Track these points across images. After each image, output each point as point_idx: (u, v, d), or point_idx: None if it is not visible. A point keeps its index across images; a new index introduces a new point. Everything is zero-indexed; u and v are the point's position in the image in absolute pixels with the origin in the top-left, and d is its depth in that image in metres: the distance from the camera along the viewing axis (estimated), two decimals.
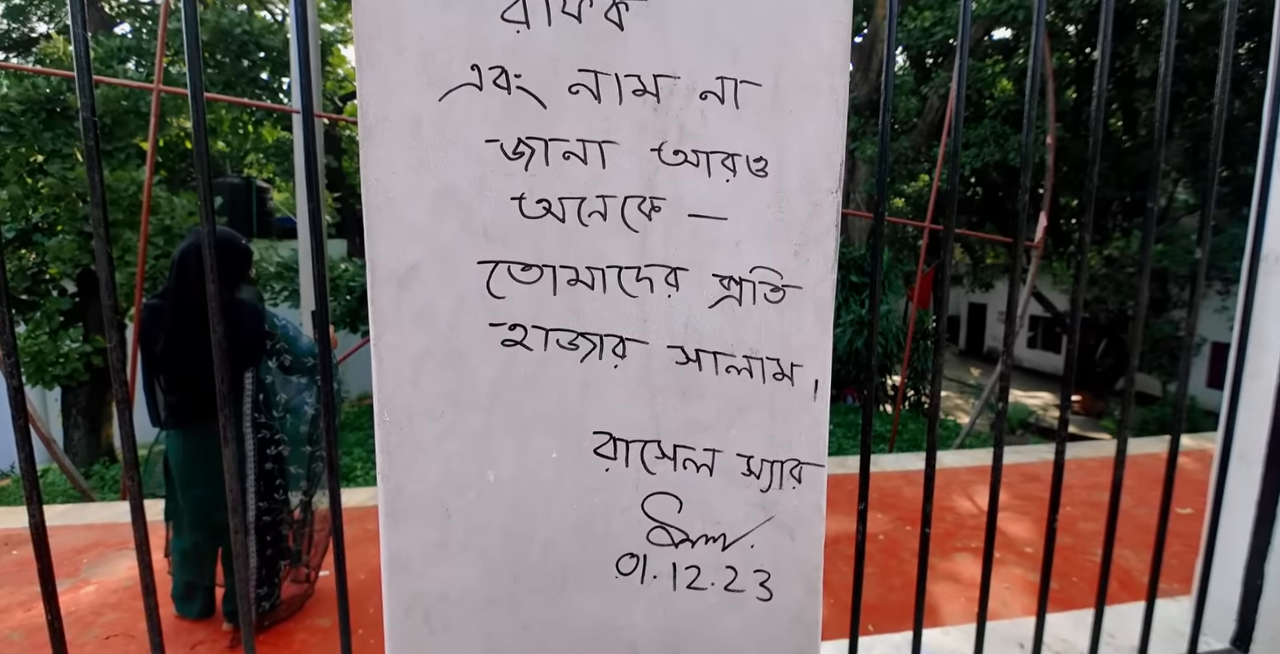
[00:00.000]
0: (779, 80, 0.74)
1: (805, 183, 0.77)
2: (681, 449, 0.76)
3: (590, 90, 0.71)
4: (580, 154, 0.72)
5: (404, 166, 0.69)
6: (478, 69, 0.69)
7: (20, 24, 10.88)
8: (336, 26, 12.83)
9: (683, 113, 0.74)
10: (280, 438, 2.32)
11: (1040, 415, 11.22)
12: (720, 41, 0.73)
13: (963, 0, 0.85)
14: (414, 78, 0.68)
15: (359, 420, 8.35)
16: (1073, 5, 8.73)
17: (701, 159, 0.75)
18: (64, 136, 7.43)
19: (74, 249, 7.11)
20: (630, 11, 0.71)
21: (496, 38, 0.69)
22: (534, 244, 0.72)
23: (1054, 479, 1.13)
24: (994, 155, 8.84)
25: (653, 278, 0.75)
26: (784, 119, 0.75)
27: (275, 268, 8.11)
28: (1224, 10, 1.12)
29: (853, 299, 8.98)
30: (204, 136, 0.77)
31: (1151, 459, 3.83)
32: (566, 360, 0.74)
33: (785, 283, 0.78)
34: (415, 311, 0.71)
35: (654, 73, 0.72)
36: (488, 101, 0.70)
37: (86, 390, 8.11)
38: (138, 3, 10.58)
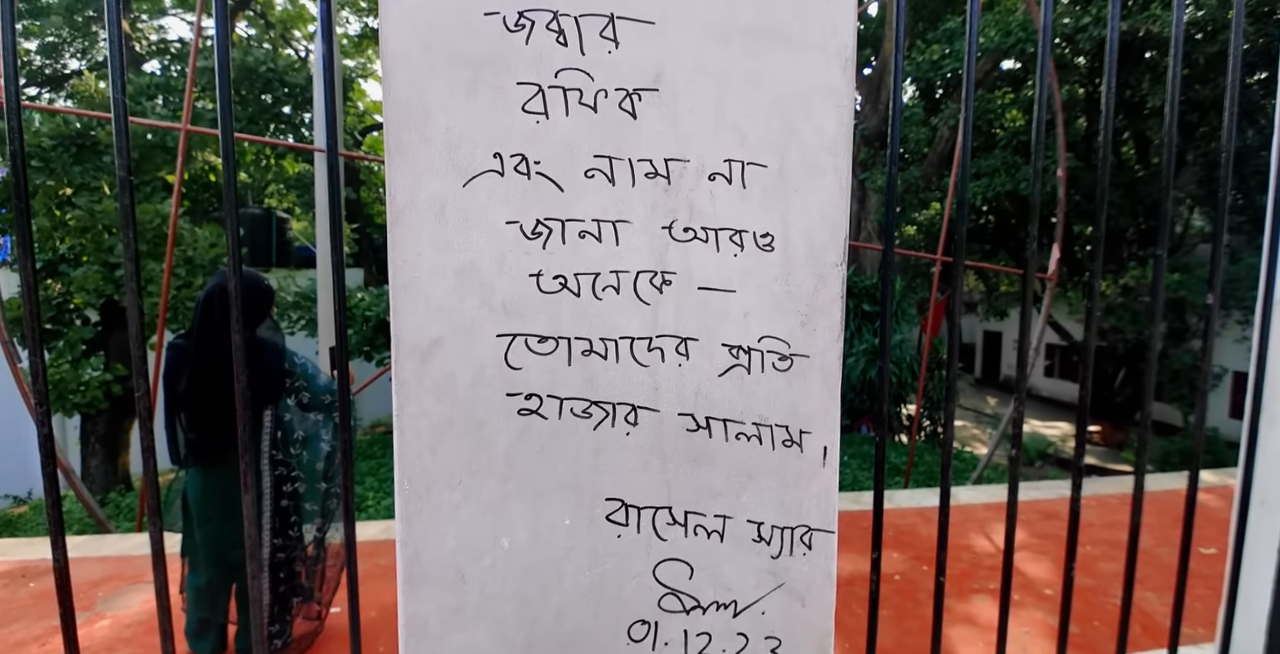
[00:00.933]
0: (784, 162, 0.78)
1: (811, 257, 0.80)
2: (693, 515, 0.78)
3: (605, 174, 0.75)
4: (595, 232, 0.76)
5: (429, 247, 0.73)
6: (500, 157, 0.73)
7: (53, 61, 11.31)
8: (357, 62, 13.23)
9: (692, 193, 0.77)
10: (296, 475, 2.35)
11: (1059, 446, 11.04)
12: (728, 127, 0.77)
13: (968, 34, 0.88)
14: (440, 165, 0.72)
15: (371, 448, 8.38)
16: (1081, 38, 8.84)
17: (710, 235, 0.78)
18: (93, 170, 7.66)
19: (98, 280, 7.28)
20: (643, 101, 0.75)
21: (517, 127, 0.73)
22: (550, 317, 0.76)
23: (1070, 526, 1.13)
24: (1005, 185, 8.88)
25: (664, 348, 0.78)
26: (789, 197, 0.79)
27: (293, 297, 8.24)
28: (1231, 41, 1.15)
29: (865, 328, 8.96)
30: (234, 187, 0.81)
31: (1173, 496, 3.76)
32: (580, 428, 0.77)
33: (793, 352, 0.80)
34: (436, 383, 0.74)
35: (665, 156, 0.76)
36: (509, 186, 0.74)
37: (105, 418, 8.22)
38: (166, 41, 10.99)
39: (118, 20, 0.82)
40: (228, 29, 0.96)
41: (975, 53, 0.99)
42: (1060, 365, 15.90)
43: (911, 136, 9.69)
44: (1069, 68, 9.68)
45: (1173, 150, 1.25)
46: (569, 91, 0.74)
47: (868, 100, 11.10)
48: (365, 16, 12.35)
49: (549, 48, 0.73)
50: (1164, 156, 1.19)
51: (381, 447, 8.47)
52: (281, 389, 2.35)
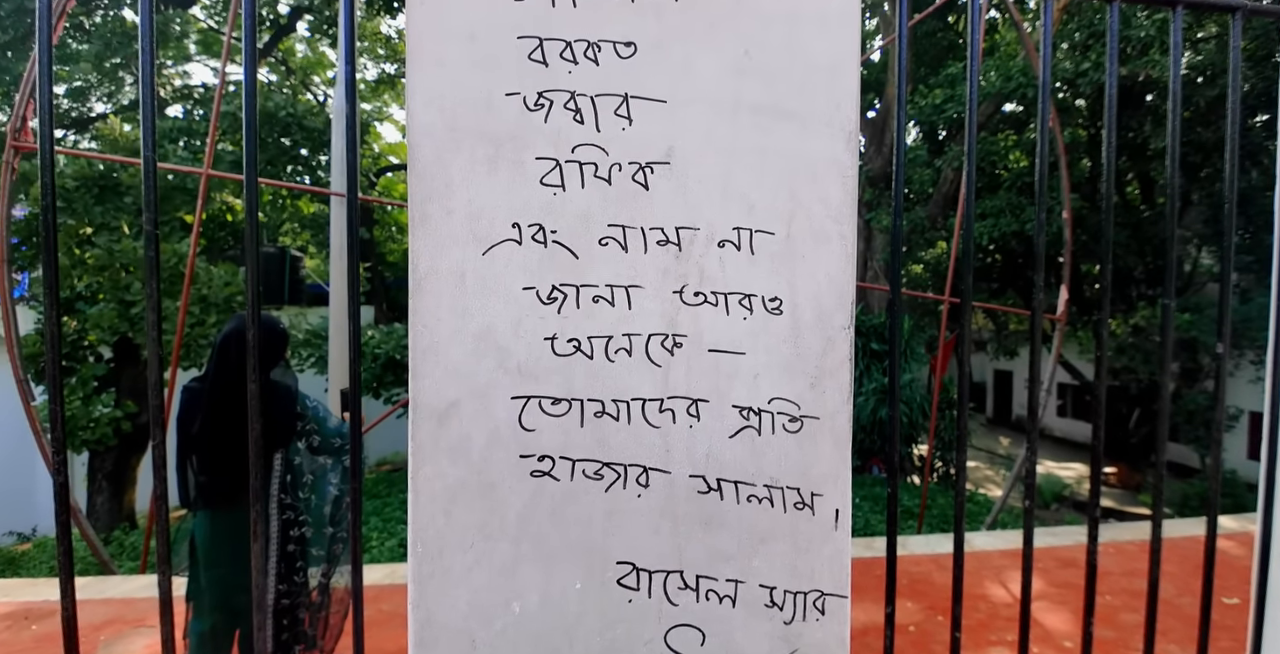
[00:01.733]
0: (791, 229, 0.81)
1: (819, 320, 0.81)
2: (704, 580, 0.78)
3: (618, 242, 0.78)
4: (608, 297, 0.78)
5: (449, 313, 0.75)
6: (518, 226, 0.76)
7: (80, 104, 11.71)
8: (374, 105, 13.63)
9: (702, 259, 0.80)
10: (304, 519, 2.34)
11: (1074, 489, 10.83)
12: (736, 197, 0.80)
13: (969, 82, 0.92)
14: (461, 235, 0.75)
15: (376, 487, 8.32)
16: (1081, 82, 9.02)
17: (720, 299, 0.80)
18: (113, 210, 7.85)
19: (114, 317, 7.39)
20: (655, 174, 0.78)
21: (535, 199, 0.76)
22: (564, 379, 0.78)
23: (1088, 579, 1.11)
24: (1011, 226, 8.95)
25: (675, 409, 0.80)
26: (796, 263, 0.81)
27: (304, 335, 8.32)
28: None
29: (875, 367, 8.92)
30: (256, 240, 0.84)
31: (1193, 543, 3.68)
32: (592, 490, 0.78)
33: (803, 413, 0.81)
34: (451, 445, 0.75)
35: (676, 225, 0.79)
36: (526, 254, 0.76)
37: (113, 455, 8.23)
38: (189, 86, 11.38)
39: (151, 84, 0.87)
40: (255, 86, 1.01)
41: (976, 96, 1.03)
42: (1073, 405, 15.71)
43: (916, 178, 9.82)
44: (1070, 111, 9.85)
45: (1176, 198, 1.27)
46: (585, 165, 0.77)
47: (871, 142, 11.30)
48: (382, 63, 12.78)
49: (566, 125, 0.76)
50: (1168, 206, 1.21)
51: (386, 485, 8.41)
52: (293, 432, 2.36)
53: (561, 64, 0.76)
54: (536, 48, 0.75)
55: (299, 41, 12.13)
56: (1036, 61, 6.53)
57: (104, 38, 9.44)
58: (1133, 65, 8.58)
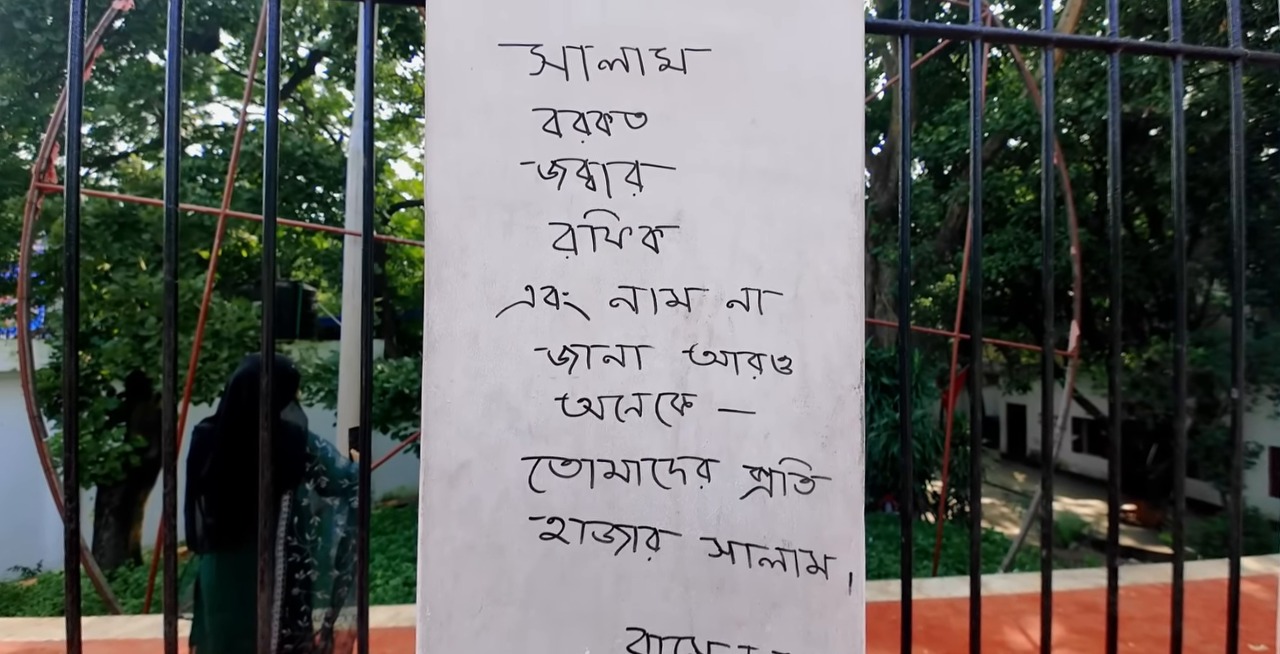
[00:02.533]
0: (799, 290, 0.82)
1: (828, 379, 0.82)
2: (716, 646, 0.77)
3: (629, 303, 0.79)
4: (619, 357, 0.79)
5: (461, 374, 0.76)
6: (531, 289, 0.78)
7: (103, 143, 12.05)
8: (388, 144, 13.95)
9: (711, 319, 0.81)
10: (310, 562, 2.33)
11: (1093, 527, 10.58)
12: (744, 259, 0.81)
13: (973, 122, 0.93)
14: (475, 298, 0.77)
15: (381, 524, 8.24)
16: (1085, 119, 9.13)
17: (730, 358, 0.81)
18: (131, 247, 8.00)
19: (127, 352, 7.46)
20: (665, 237, 0.80)
21: (548, 262, 0.78)
22: (574, 440, 0.78)
23: (1109, 627, 1.08)
24: (1019, 260, 8.96)
25: (685, 469, 0.80)
26: (805, 322, 0.82)
27: (314, 369, 8.36)
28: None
29: (885, 402, 8.85)
30: (272, 284, 0.86)
31: (1216, 586, 3.57)
32: (601, 554, 0.77)
33: (814, 474, 0.81)
34: (461, 507, 0.75)
35: (685, 286, 0.80)
36: (538, 316, 0.78)
37: (121, 490, 8.22)
38: (210, 126, 11.70)
39: (175, 160, 0.90)
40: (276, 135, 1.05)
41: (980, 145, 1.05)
42: (1088, 440, 15.46)
43: (922, 213, 9.90)
44: (1075, 147, 9.95)
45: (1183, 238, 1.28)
46: (596, 229, 0.79)
47: (877, 178, 11.42)
48: (397, 103, 13.13)
49: (579, 192, 0.79)
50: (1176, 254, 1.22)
51: (392, 522, 8.33)
52: (302, 473, 2.36)
53: (574, 134, 0.79)
54: (551, 119, 0.78)
55: (317, 83, 12.50)
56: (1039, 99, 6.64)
57: (129, 80, 9.75)
58: (1136, 103, 8.69)
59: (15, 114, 10.18)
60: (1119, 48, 1.27)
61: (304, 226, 8.49)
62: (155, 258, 7.95)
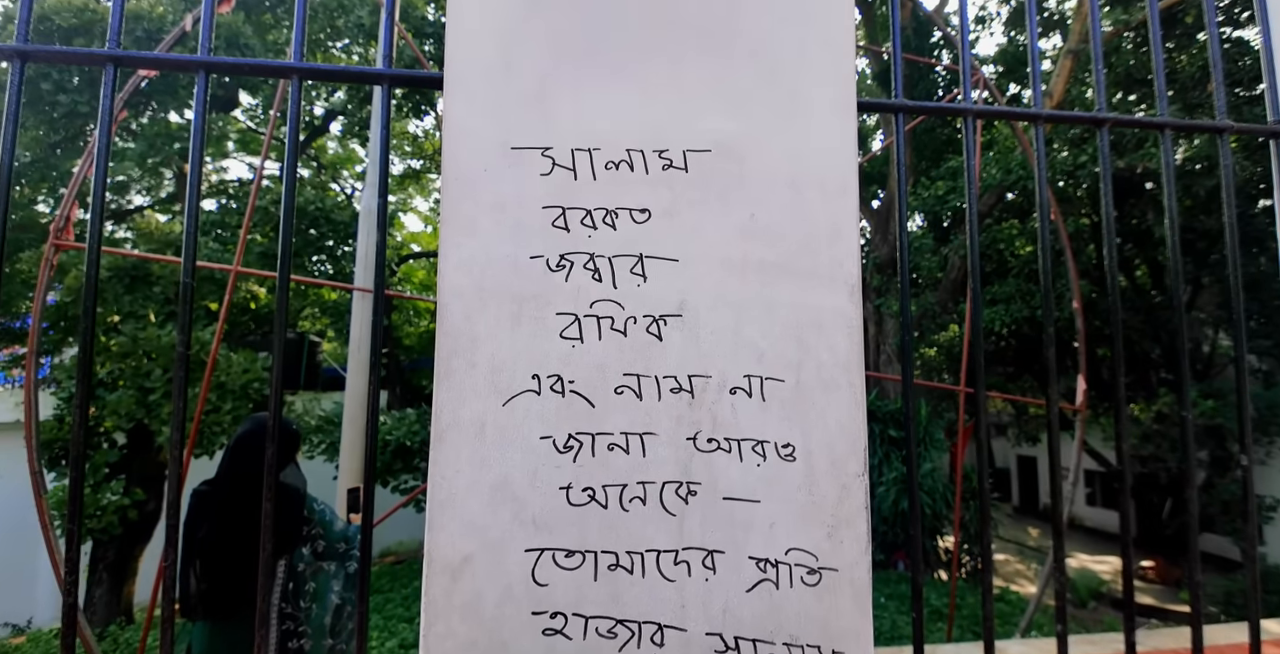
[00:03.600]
0: (801, 377, 0.83)
1: (833, 467, 0.82)
2: None
3: (633, 390, 0.81)
4: (623, 445, 0.80)
5: (467, 464, 0.77)
6: (538, 378, 0.79)
7: (119, 196, 12.36)
8: (398, 197, 14.28)
9: (715, 406, 0.82)
10: (304, 630, 2.27)
11: (1112, 585, 10.24)
12: (746, 347, 0.83)
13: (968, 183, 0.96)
14: (483, 387, 0.78)
15: (378, 582, 8.03)
16: (1081, 173, 9.33)
17: (733, 446, 0.82)
18: (141, 299, 8.11)
19: (131, 404, 7.46)
20: (668, 326, 0.82)
21: (555, 351, 0.80)
22: (578, 531, 0.78)
23: None
24: (1021, 312, 8.99)
25: (690, 561, 0.79)
26: (807, 410, 0.83)
27: (316, 421, 8.32)
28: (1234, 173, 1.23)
29: (894, 455, 8.72)
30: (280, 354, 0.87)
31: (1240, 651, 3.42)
32: (605, 650, 0.76)
33: (821, 565, 0.81)
34: (464, 602, 0.75)
35: (689, 373, 0.82)
36: (544, 404, 0.79)
37: (117, 545, 8.08)
38: (225, 181, 12.03)
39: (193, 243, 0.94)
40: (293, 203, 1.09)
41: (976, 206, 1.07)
42: (1102, 493, 15.13)
43: (923, 265, 10.00)
44: (1072, 200, 10.12)
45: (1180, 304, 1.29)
46: (602, 319, 0.81)
47: (877, 231, 11.59)
48: (408, 159, 13.51)
49: (586, 283, 0.81)
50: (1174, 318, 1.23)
51: (390, 579, 8.12)
52: (299, 537, 2.33)
53: (582, 229, 0.82)
54: (560, 215, 0.82)
55: (331, 140, 12.91)
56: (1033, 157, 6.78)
57: (149, 139, 10.09)
58: (1130, 158, 8.89)
59: (36, 170, 10.51)
60: (1108, 122, 1.32)
61: (316, 283, 8.61)
62: (165, 310, 8.04)
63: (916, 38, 11.13)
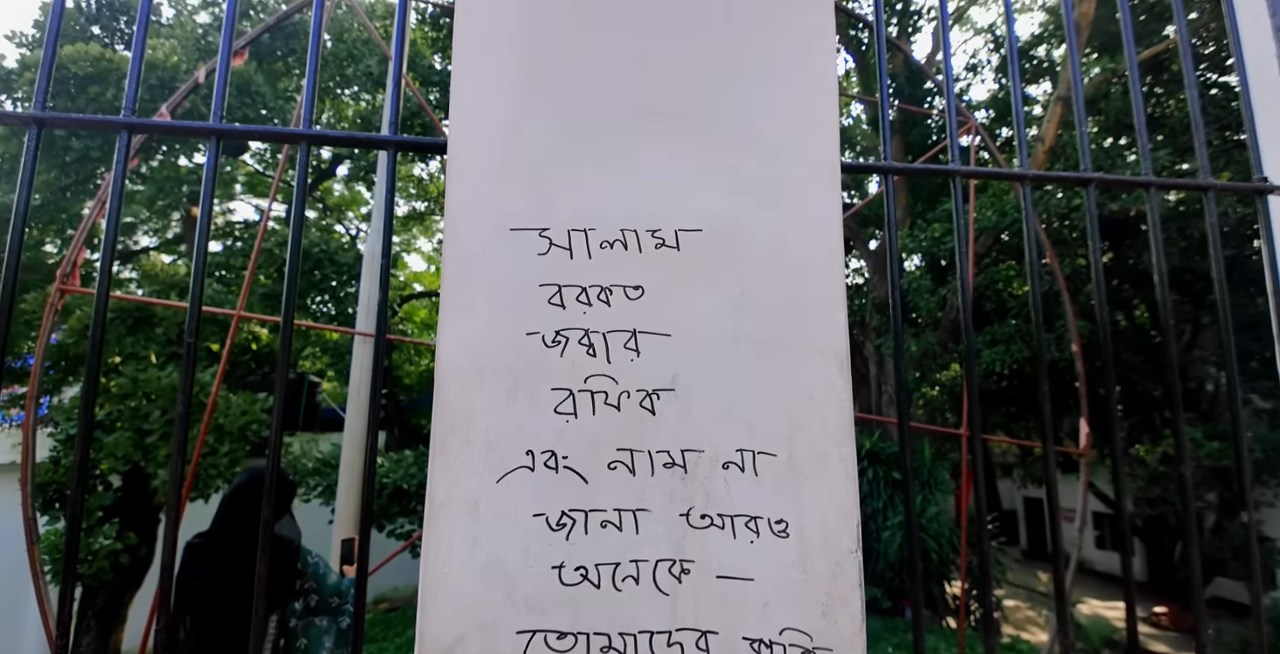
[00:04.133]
0: (793, 451, 0.84)
1: (825, 544, 0.82)
2: None
3: (626, 465, 0.82)
4: (616, 522, 0.80)
5: (460, 543, 0.77)
6: (532, 453, 0.80)
7: (126, 237, 12.53)
8: (402, 238, 14.47)
9: (708, 481, 0.83)
10: None
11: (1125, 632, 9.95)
12: (738, 421, 0.84)
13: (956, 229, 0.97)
14: (477, 464, 0.79)
15: (373, 630, 7.84)
16: (1075, 216, 9.45)
17: (727, 522, 0.82)
18: (143, 341, 8.14)
19: (128, 446, 7.41)
20: (661, 400, 0.83)
21: (549, 427, 0.81)
22: (571, 612, 0.78)
23: None
24: (1022, 352, 8.99)
25: (684, 643, 0.79)
26: (800, 484, 0.83)
27: (314, 463, 8.25)
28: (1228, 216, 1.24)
29: (898, 498, 8.60)
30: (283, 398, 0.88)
31: None
32: None
33: (816, 645, 0.80)
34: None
35: (681, 448, 0.83)
36: (538, 480, 0.80)
37: (106, 591, 7.91)
38: (231, 223, 12.21)
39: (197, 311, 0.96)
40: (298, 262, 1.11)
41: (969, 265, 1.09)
42: (1111, 536, 14.85)
43: (922, 305, 10.04)
44: (1067, 242, 10.23)
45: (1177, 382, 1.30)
46: (596, 394, 0.83)
47: (875, 271, 11.70)
48: (413, 200, 13.74)
49: (580, 359, 0.83)
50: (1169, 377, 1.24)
51: (383, 627, 7.92)
52: (292, 592, 2.29)
53: (577, 306, 0.84)
54: (556, 293, 0.84)
55: (337, 182, 13.16)
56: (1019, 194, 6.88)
57: (158, 182, 10.29)
58: (1123, 203, 9.02)
59: (46, 212, 10.68)
60: (1093, 181, 1.35)
61: (319, 327, 8.66)
62: (166, 351, 8.07)
63: (909, 85, 11.44)
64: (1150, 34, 10.69)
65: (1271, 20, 1.70)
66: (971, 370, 1.23)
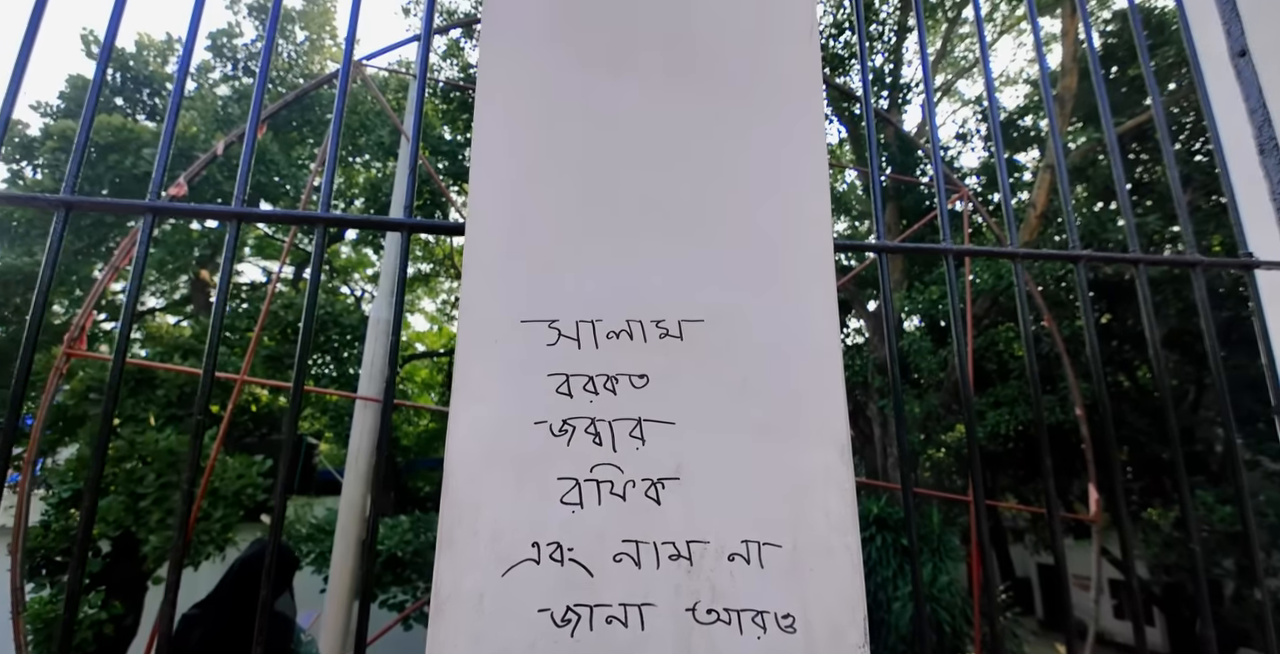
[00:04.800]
0: (797, 541, 0.84)
1: (833, 638, 0.81)
2: None
3: (632, 558, 0.82)
4: (622, 618, 0.80)
5: (465, 640, 0.76)
6: (537, 545, 0.81)
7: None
8: (407, 298, 14.63)
9: (713, 573, 0.82)
10: None
11: None
12: (742, 510, 0.85)
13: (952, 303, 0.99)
14: (483, 557, 0.79)
15: None
16: (1070, 278, 9.57)
17: (733, 617, 0.81)
18: (144, 403, 8.13)
19: (120, 510, 7.27)
20: (666, 489, 0.85)
21: (555, 517, 0.82)
22: None
23: None
24: (1026, 414, 8.93)
25: None
26: (805, 576, 0.83)
27: (308, 529, 8.06)
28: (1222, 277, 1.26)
29: (907, 566, 8.33)
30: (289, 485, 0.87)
31: None
32: None
33: None
34: None
35: (687, 539, 0.83)
36: (543, 574, 0.80)
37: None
38: (238, 286, 12.39)
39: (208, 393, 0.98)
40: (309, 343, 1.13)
41: (967, 343, 1.11)
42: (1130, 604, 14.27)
43: (923, 366, 10.05)
44: (1064, 304, 10.32)
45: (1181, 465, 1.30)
46: (602, 483, 0.84)
47: (875, 331, 11.76)
48: (418, 263, 13.98)
49: (587, 447, 0.84)
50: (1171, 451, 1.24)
51: None
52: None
53: (584, 395, 0.86)
54: (564, 382, 0.86)
55: (345, 245, 13.44)
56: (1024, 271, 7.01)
57: (169, 245, 10.52)
58: (1118, 267, 9.16)
59: (57, 274, 10.87)
60: (1083, 259, 1.40)
61: (322, 392, 8.66)
62: (166, 413, 8.03)
63: (901, 154, 11.83)
64: (1133, 104, 11.14)
65: (1245, 103, 1.79)
66: (974, 449, 1.24)
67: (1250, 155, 1.76)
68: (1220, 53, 1.83)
